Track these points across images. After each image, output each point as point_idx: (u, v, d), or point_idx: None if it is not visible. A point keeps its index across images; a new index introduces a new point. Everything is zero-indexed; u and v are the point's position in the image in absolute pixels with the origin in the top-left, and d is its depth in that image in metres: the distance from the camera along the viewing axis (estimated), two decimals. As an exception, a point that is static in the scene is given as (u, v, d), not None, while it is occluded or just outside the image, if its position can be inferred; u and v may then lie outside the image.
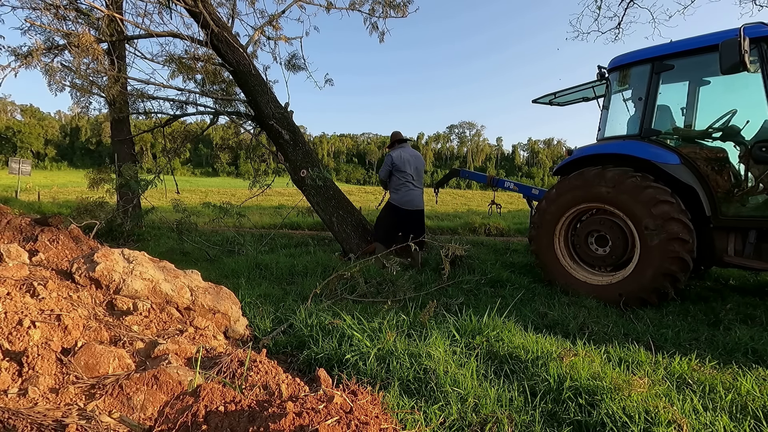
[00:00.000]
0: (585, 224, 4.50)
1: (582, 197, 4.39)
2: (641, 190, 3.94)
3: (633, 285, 4.00)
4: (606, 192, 4.15)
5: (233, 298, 3.01)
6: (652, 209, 3.86)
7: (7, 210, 3.44)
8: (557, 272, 4.59)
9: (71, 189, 25.99)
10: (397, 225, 5.70)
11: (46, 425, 1.28)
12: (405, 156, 5.68)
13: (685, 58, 4.16)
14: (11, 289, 2.15)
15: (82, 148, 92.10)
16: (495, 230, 10.19)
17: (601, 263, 4.38)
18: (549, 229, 4.65)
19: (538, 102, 6.53)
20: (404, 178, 5.58)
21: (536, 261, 4.88)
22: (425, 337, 2.74)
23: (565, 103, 6.52)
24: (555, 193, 4.64)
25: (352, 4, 7.48)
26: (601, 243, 4.38)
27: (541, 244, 4.73)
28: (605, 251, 4.34)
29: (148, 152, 27.07)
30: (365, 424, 1.24)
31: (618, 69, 4.72)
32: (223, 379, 1.90)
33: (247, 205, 9.69)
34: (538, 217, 4.77)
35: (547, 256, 4.68)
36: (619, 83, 4.77)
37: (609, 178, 4.13)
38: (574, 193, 4.44)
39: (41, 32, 6.68)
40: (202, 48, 6.46)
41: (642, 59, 4.42)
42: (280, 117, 6.34)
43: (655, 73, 4.28)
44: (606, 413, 1.95)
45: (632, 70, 4.60)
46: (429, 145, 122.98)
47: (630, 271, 4.09)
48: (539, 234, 4.74)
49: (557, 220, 4.60)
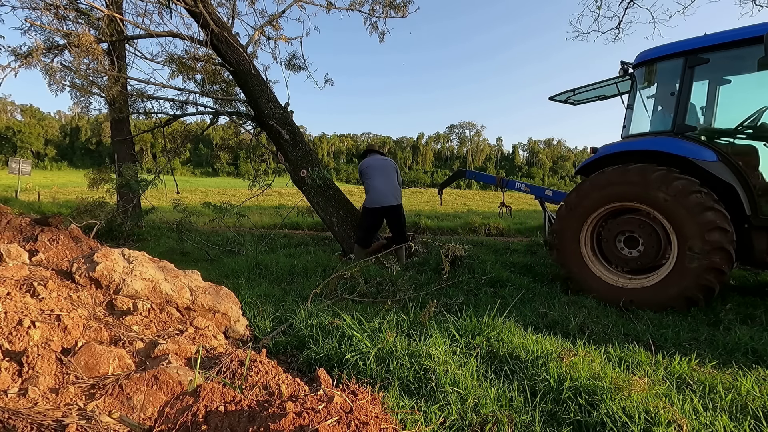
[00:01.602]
0: (613, 224, 4.29)
1: (616, 195, 4.15)
2: (687, 195, 3.74)
3: (667, 290, 3.83)
4: (660, 196, 3.87)
5: (233, 298, 3.01)
6: (698, 219, 3.64)
7: (7, 210, 3.44)
8: (582, 274, 4.38)
9: (71, 189, 25.98)
10: (377, 225, 5.91)
11: (46, 425, 1.28)
12: (371, 162, 5.98)
13: (722, 51, 4.00)
14: (11, 289, 2.15)
15: (82, 148, 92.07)
16: (495, 230, 10.19)
17: (630, 266, 4.18)
18: (575, 228, 4.43)
19: (554, 99, 6.34)
20: (371, 182, 5.80)
21: (559, 263, 4.64)
22: (425, 337, 2.74)
23: (582, 101, 6.31)
24: (585, 190, 4.39)
25: (352, 4, 7.49)
26: (630, 244, 4.18)
27: (565, 245, 4.51)
28: (633, 253, 4.14)
29: (148, 152, 27.07)
30: (365, 424, 1.24)
31: (645, 64, 4.57)
32: (223, 379, 1.90)
33: (247, 205, 9.68)
34: (563, 216, 4.55)
35: (572, 258, 4.45)
36: (646, 79, 4.63)
37: (655, 178, 3.89)
38: (608, 190, 4.20)
39: (41, 32, 6.69)
40: (202, 48, 6.47)
41: (674, 53, 4.27)
42: (280, 117, 6.34)
43: (689, 67, 4.14)
44: (606, 413, 1.95)
45: (662, 65, 4.46)
46: (429, 145, 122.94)
47: (664, 275, 3.91)
48: (563, 234, 4.52)
49: (584, 219, 4.38)
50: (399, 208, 5.91)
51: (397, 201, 5.85)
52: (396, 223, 5.91)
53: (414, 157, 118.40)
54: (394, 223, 5.92)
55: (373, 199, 5.73)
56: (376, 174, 5.83)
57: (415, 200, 24.73)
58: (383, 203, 5.72)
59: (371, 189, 5.75)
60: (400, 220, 5.93)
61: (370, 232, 5.85)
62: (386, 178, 5.87)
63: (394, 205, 5.80)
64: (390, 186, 5.86)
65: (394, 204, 5.80)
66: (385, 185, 5.82)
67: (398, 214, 5.90)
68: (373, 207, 5.73)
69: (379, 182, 5.79)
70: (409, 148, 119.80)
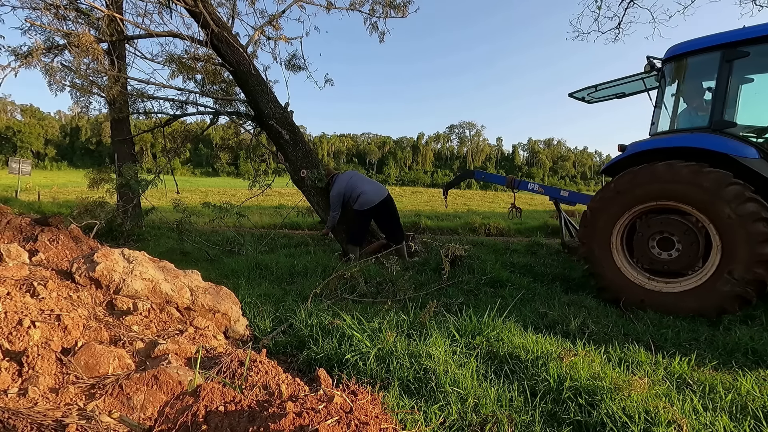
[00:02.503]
0: (644, 225, 4.11)
1: (658, 194, 3.96)
2: (742, 202, 3.54)
3: (701, 297, 3.69)
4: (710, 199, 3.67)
5: (233, 298, 3.01)
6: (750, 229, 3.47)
7: (7, 210, 3.44)
8: (614, 279, 4.18)
9: (71, 189, 25.96)
10: (369, 225, 6.02)
11: (46, 425, 1.28)
12: (345, 177, 6.04)
13: (763, 44, 3.87)
14: (11, 289, 2.15)
15: (82, 148, 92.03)
16: (495, 230, 10.19)
17: (666, 268, 4.01)
18: (605, 230, 4.24)
19: (573, 96, 6.16)
20: (360, 189, 5.85)
21: (587, 263, 4.43)
22: (425, 337, 2.74)
23: (599, 99, 6.13)
24: (614, 189, 4.18)
25: (352, 4, 7.49)
26: (663, 246, 4.01)
27: (593, 248, 4.29)
28: (670, 255, 3.97)
29: (148, 152, 27.01)
30: (365, 424, 1.24)
31: (676, 58, 4.44)
32: (223, 379, 1.90)
33: (247, 205, 9.68)
34: (591, 218, 4.34)
35: (603, 262, 4.24)
36: (676, 74, 4.50)
37: (706, 177, 3.69)
38: (649, 188, 3.99)
39: (41, 32, 6.70)
40: (202, 48, 6.47)
41: (710, 46, 4.13)
42: (280, 117, 6.34)
43: (727, 60, 4.00)
44: (606, 413, 1.95)
45: (694, 59, 4.34)
46: (429, 145, 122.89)
47: (707, 277, 3.76)
48: (591, 237, 4.31)
49: (616, 221, 4.18)
50: (392, 200, 6.06)
51: (388, 193, 6.05)
52: (393, 219, 6.00)
53: (414, 157, 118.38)
54: (391, 219, 5.99)
55: (366, 200, 5.80)
56: (360, 182, 5.98)
57: (415, 200, 24.71)
58: (377, 200, 5.84)
59: (362, 193, 5.82)
60: (396, 214, 6.07)
61: (363, 232, 5.98)
62: (369, 182, 6.13)
63: (386, 198, 5.94)
64: (377, 185, 6.09)
65: (386, 195, 5.95)
66: (372, 185, 6.03)
67: (393, 208, 6.06)
68: (366, 208, 5.80)
69: (367, 186, 5.95)
70: (409, 148, 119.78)
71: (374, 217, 5.97)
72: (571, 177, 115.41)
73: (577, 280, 5.12)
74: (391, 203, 6.05)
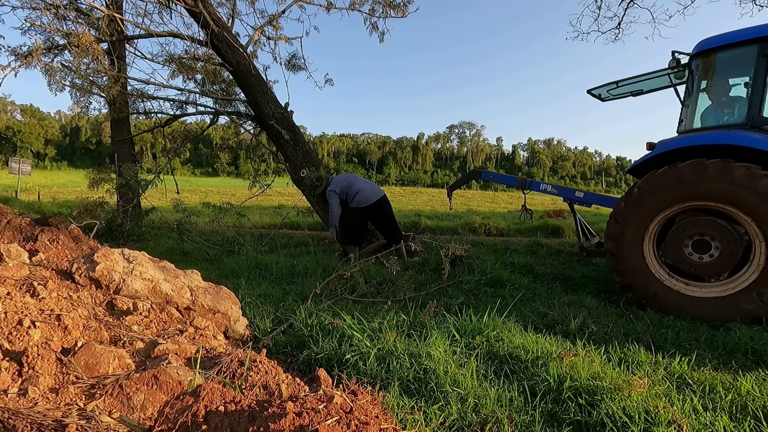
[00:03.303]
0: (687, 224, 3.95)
1: (700, 194, 3.78)
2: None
3: (734, 306, 3.58)
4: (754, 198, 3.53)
5: (233, 298, 3.01)
6: None
7: (7, 210, 3.44)
8: (646, 282, 4.02)
9: (71, 189, 25.98)
10: (366, 224, 6.07)
11: (46, 425, 1.28)
12: (342, 177, 6.13)
13: None
14: (11, 289, 2.15)
15: (82, 148, 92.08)
16: (495, 230, 10.19)
17: (692, 270, 3.89)
18: (637, 232, 4.07)
19: (591, 92, 5.95)
20: (357, 188, 5.92)
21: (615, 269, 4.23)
22: (425, 337, 2.74)
23: (617, 96, 5.92)
24: (646, 190, 4.01)
25: (352, 4, 7.50)
26: (698, 248, 3.87)
27: (624, 250, 4.12)
28: (701, 258, 3.84)
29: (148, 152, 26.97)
30: (365, 424, 1.24)
31: (707, 53, 4.29)
32: (223, 379, 1.90)
33: (247, 205, 9.68)
34: (622, 219, 4.16)
35: (634, 265, 4.08)
36: (706, 69, 4.37)
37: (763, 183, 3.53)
38: (688, 188, 3.82)
39: (41, 32, 6.70)
40: (202, 48, 6.47)
41: (745, 40, 3.98)
42: (280, 117, 6.35)
43: (764, 55, 3.86)
44: (606, 413, 1.95)
45: (726, 54, 4.21)
46: (429, 145, 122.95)
47: (735, 290, 3.67)
48: (622, 238, 4.13)
49: (649, 222, 4.02)
50: (388, 201, 6.15)
51: (384, 193, 6.15)
52: (389, 219, 6.05)
53: (414, 157, 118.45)
54: (388, 219, 6.03)
55: (363, 198, 5.86)
56: (356, 182, 6.07)
57: (415, 200, 24.73)
58: (374, 198, 5.90)
59: (359, 192, 5.88)
60: (392, 215, 6.13)
61: (361, 231, 6.00)
62: (365, 181, 6.23)
63: (383, 197, 6.03)
64: (373, 185, 6.20)
65: (382, 195, 6.04)
66: (368, 184, 6.13)
67: (389, 208, 6.12)
68: (365, 206, 5.85)
69: (363, 185, 6.05)
70: (409, 148, 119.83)
71: (371, 216, 5.98)
72: (571, 177, 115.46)
73: (577, 280, 5.13)
74: (387, 203, 6.10)
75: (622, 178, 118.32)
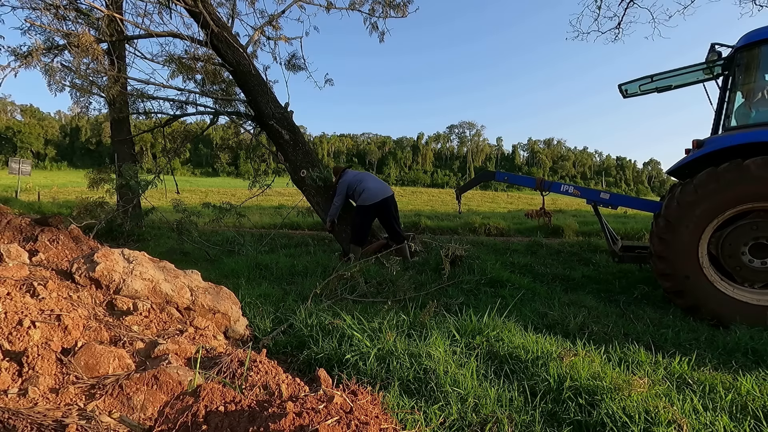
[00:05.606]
0: (737, 230, 3.78)
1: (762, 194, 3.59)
2: None
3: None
4: None
5: (233, 298, 3.01)
6: None
7: (7, 210, 3.44)
8: (699, 288, 3.83)
9: (71, 189, 25.96)
10: (370, 223, 6.07)
11: (46, 425, 1.28)
12: (353, 173, 6.19)
13: None
14: (11, 289, 2.15)
15: (82, 148, 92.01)
16: (495, 230, 10.18)
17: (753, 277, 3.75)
18: (691, 237, 3.83)
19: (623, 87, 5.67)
20: (364, 185, 5.94)
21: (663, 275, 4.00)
22: (425, 337, 2.74)
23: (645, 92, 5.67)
24: (707, 188, 3.75)
25: (352, 4, 7.49)
26: (756, 254, 3.72)
27: (674, 253, 3.89)
28: (764, 264, 3.70)
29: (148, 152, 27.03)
30: (365, 424, 1.24)
31: (755, 45, 4.10)
32: (223, 379, 1.90)
33: (247, 205, 9.68)
34: (674, 221, 3.93)
35: (687, 269, 3.87)
36: (754, 62, 4.20)
37: None
38: (747, 188, 3.60)
39: (41, 32, 6.69)
40: (202, 48, 6.47)
41: None
42: (280, 117, 6.35)
43: None
44: (606, 413, 1.95)
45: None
46: (429, 145, 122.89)
47: None
48: (674, 240, 3.89)
49: (706, 223, 3.79)
50: (394, 199, 6.15)
51: (391, 191, 6.14)
52: (394, 218, 6.04)
53: (414, 157, 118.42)
54: (392, 218, 6.03)
55: (370, 196, 5.86)
56: (365, 178, 6.09)
57: (415, 200, 24.70)
58: (380, 196, 5.90)
59: (365, 189, 5.88)
60: (396, 214, 6.14)
61: (366, 230, 5.99)
62: (375, 180, 6.24)
63: (390, 195, 6.03)
64: (381, 183, 6.19)
65: (390, 194, 6.04)
66: (377, 183, 6.13)
67: (395, 207, 6.13)
68: (370, 203, 5.85)
69: (372, 183, 6.05)
70: (409, 148, 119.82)
71: (377, 214, 5.98)
72: (571, 177, 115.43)
73: (577, 280, 5.13)
74: (393, 203, 6.10)
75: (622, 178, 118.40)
